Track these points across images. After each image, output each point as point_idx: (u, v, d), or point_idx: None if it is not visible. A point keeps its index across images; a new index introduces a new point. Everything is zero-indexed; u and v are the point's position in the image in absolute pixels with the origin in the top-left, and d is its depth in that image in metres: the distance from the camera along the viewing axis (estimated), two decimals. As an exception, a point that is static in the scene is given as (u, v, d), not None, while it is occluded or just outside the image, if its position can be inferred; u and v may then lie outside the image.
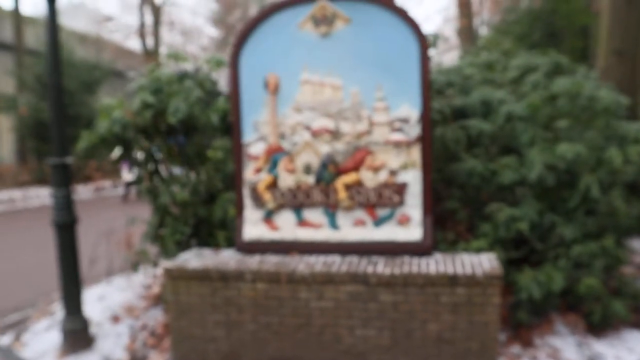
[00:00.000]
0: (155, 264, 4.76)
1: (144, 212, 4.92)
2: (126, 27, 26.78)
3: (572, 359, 3.82)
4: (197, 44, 30.26)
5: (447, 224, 4.60)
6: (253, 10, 32.98)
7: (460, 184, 4.77)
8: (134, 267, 4.64)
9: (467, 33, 19.00)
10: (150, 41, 24.56)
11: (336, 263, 3.56)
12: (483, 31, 22.22)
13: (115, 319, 4.48)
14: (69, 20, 25.07)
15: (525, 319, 3.94)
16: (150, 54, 23.74)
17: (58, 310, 4.92)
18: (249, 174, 3.91)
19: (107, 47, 24.46)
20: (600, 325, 4.14)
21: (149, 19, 24.90)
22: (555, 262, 4.16)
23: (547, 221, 4.29)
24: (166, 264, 3.72)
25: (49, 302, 5.27)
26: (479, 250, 4.06)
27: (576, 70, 6.04)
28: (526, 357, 3.79)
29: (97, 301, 4.90)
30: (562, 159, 4.20)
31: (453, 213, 4.74)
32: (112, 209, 12.48)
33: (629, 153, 4.29)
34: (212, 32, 32.98)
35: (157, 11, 24.53)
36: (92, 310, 4.63)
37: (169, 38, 28.54)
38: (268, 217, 3.90)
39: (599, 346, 4.00)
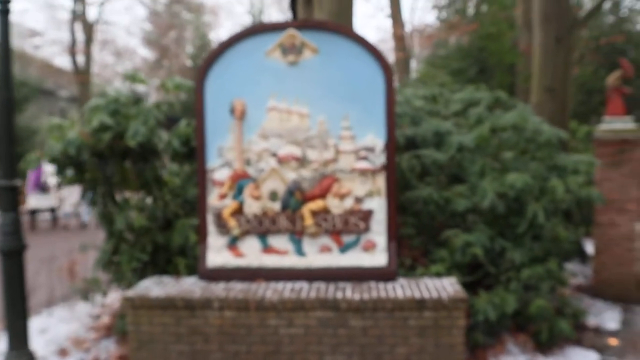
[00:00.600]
0: (105, 293, 4.54)
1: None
2: (55, 44, 25.64)
3: (524, 377, 4.01)
4: (129, 64, 29.44)
5: (403, 250, 4.73)
6: (188, 33, 32.71)
7: (414, 211, 4.94)
8: (84, 296, 4.40)
9: (402, 65, 19.85)
10: (80, 59, 23.62)
11: (304, 289, 3.57)
12: (413, 64, 23.31)
13: (63, 352, 4.20)
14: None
15: (481, 340, 4.10)
16: (81, 73, 22.83)
17: (-6, 346, 4.55)
18: (213, 199, 3.86)
19: (33, 64, 23.26)
20: (547, 343, 4.39)
21: (80, 36, 23.97)
22: (507, 285, 4.38)
23: (498, 246, 4.53)
24: (127, 292, 3.57)
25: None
26: (437, 274, 4.21)
27: (514, 105, 6.48)
28: (483, 377, 3.94)
29: (39, 334, 4.57)
30: (511, 188, 4.47)
31: (408, 239, 4.89)
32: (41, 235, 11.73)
33: (569, 183, 4.64)
34: (145, 53, 32.28)
35: (89, 28, 23.70)
36: (35, 344, 4.31)
37: (100, 57, 27.65)
38: (233, 244, 3.85)
39: (548, 364, 4.23)
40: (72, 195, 12.70)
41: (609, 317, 5.36)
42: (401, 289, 3.54)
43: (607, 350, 4.54)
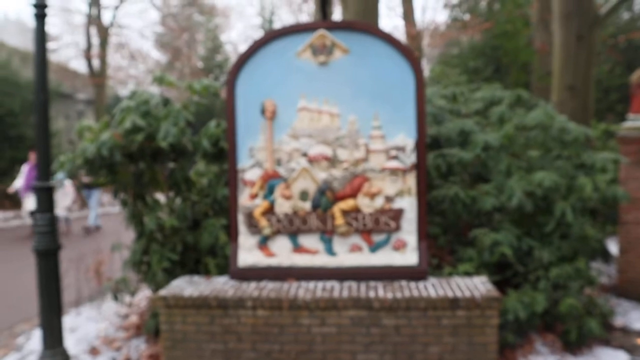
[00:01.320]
0: (134, 293, 4.59)
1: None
2: (71, 47, 25.93)
3: (555, 377, 3.99)
4: (142, 67, 29.67)
5: (429, 249, 4.74)
6: (200, 35, 32.90)
7: (440, 210, 4.94)
8: (114, 295, 4.45)
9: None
10: (96, 62, 23.86)
11: (336, 288, 3.58)
12: (423, 64, 23.21)
13: (94, 351, 4.26)
14: (6, 37, 24.01)
15: (511, 339, 4.09)
16: (97, 76, 23.05)
17: (25, 344, 4.62)
18: (244, 199, 3.89)
19: (50, 68, 23.50)
20: (575, 343, 4.36)
21: (95, 39, 24.21)
22: (536, 284, 4.37)
23: (525, 245, 4.51)
24: (161, 291, 3.60)
25: (12, 335, 4.93)
26: (466, 274, 4.20)
27: (536, 103, 6.45)
28: (514, 376, 3.93)
29: (69, 333, 4.64)
30: (539, 187, 4.45)
31: (434, 238, 4.89)
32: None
33: (597, 181, 4.60)
34: (158, 55, 32.52)
35: (104, 32, 23.93)
36: (66, 343, 4.38)
37: (114, 60, 27.88)
38: (263, 243, 3.87)
39: (578, 364, 4.20)
40: (65, 198, 11.57)
41: (635, 317, 5.31)
42: (433, 288, 3.54)
43: (636, 350, 4.50)
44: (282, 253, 3.85)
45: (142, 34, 34.46)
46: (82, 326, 4.85)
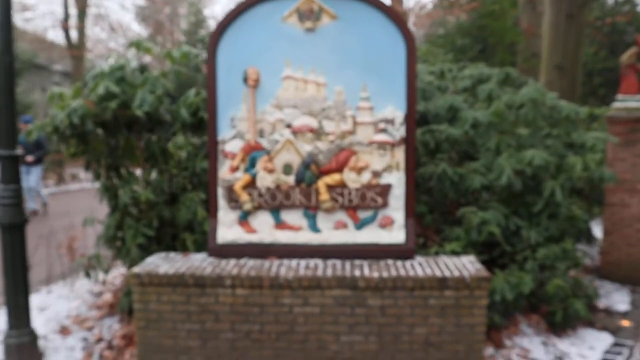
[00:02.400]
0: (108, 269, 4.38)
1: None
2: (47, 18, 25.04)
3: (541, 359, 3.92)
4: (122, 40, 28.86)
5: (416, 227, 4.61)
6: (183, 9, 32.08)
7: (427, 188, 4.81)
8: (87, 273, 4.24)
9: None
10: (74, 34, 23.06)
11: (320, 267, 3.43)
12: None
13: (64, 331, 4.06)
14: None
15: (498, 320, 4.00)
16: (74, 48, 22.30)
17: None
18: (224, 172, 3.69)
19: (25, 38, 22.71)
20: (561, 325, 4.30)
21: (73, 10, 23.37)
22: (522, 264, 4.28)
23: (512, 225, 4.41)
24: (134, 268, 3.41)
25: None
26: (453, 253, 4.09)
27: (525, 82, 6.33)
28: (500, 357, 3.85)
29: (38, 312, 4.42)
30: (528, 165, 4.33)
31: (420, 217, 4.76)
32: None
33: (587, 161, 4.50)
34: (139, 29, 31.70)
35: (82, 2, 23.10)
36: (35, 322, 4.17)
37: (94, 33, 27.03)
38: (244, 219, 3.69)
39: (563, 345, 4.15)
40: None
41: (618, 299, 5.30)
42: (420, 267, 3.41)
43: (620, 332, 4.47)
44: (264, 229, 3.68)
45: (123, 6, 33.45)
46: (52, 305, 4.63)
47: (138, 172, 4.37)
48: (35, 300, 4.77)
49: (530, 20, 14.87)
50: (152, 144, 4.14)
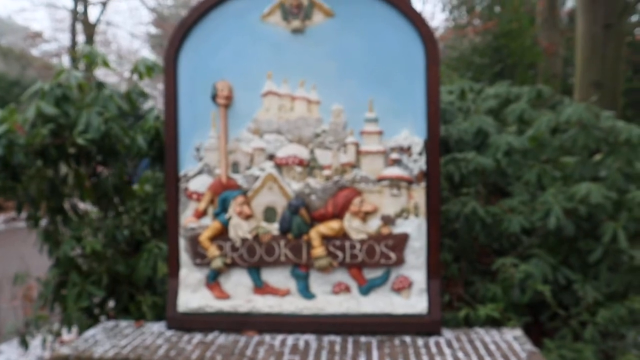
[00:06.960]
0: (57, 335, 3.51)
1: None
2: (57, 45, 25.01)
3: None
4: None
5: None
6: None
7: (451, 231, 3.90)
8: (22, 341, 3.37)
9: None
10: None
11: (312, 346, 2.51)
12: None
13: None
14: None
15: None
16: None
17: None
18: (187, 219, 2.81)
19: (33, 64, 22.60)
20: (631, 411, 3.30)
21: (81, 37, 23.27)
22: (578, 330, 3.32)
23: (562, 278, 3.47)
24: (63, 348, 2.53)
25: None
26: (487, 319, 3.15)
27: (560, 101, 5.45)
28: None
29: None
30: (582, 203, 3.42)
31: (444, 266, 3.84)
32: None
33: (656, 196, 3.56)
34: (149, 56, 31.56)
35: (90, 29, 22.94)
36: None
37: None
38: (213, 280, 2.80)
39: None
40: None
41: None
42: (450, 349, 2.47)
43: None
44: (239, 294, 2.78)
45: (133, 34, 33.51)
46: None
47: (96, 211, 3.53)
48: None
49: (551, 39, 14.03)
50: (104, 180, 3.29)
